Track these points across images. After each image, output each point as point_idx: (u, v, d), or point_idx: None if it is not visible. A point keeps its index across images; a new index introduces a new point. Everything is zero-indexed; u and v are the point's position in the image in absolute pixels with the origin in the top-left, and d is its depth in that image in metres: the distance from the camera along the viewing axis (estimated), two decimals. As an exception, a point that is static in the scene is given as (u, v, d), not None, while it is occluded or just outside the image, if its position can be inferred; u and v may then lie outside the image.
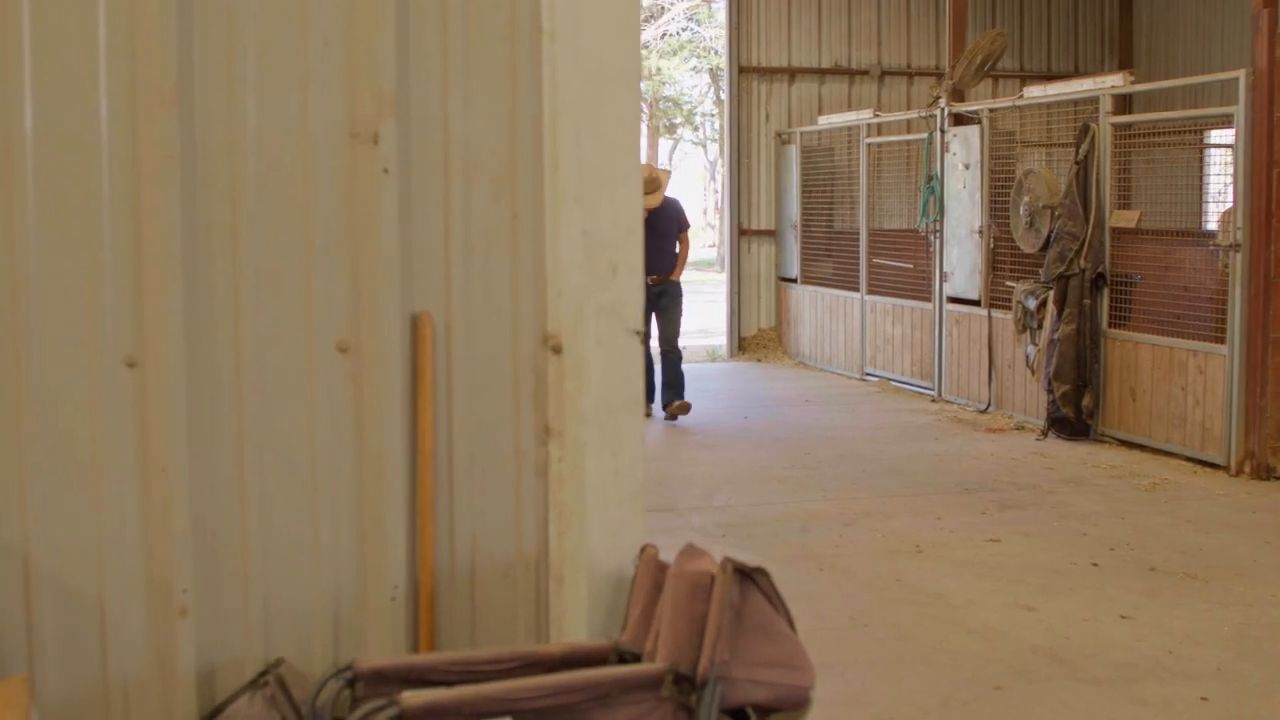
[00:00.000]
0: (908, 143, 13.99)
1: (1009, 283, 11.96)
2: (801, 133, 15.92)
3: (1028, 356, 11.65)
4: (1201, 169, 13.65)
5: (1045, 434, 11.24)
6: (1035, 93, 11.89)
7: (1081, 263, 10.82)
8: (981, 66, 12.71)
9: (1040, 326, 11.35)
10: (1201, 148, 13.63)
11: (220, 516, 2.80)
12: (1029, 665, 5.94)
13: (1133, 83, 10.77)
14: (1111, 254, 10.90)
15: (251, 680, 2.71)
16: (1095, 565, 7.49)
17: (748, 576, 2.67)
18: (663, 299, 12.16)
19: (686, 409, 12.06)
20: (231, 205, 2.75)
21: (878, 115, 14.56)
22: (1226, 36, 15.70)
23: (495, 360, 2.85)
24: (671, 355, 12.18)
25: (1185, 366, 10.18)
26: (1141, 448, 10.63)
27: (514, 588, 2.90)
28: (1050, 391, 11.13)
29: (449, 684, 2.61)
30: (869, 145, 14.49)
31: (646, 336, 11.31)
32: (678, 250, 12.45)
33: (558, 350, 2.81)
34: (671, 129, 38.90)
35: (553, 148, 2.79)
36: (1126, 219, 10.77)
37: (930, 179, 13.14)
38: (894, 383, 14.22)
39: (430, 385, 2.82)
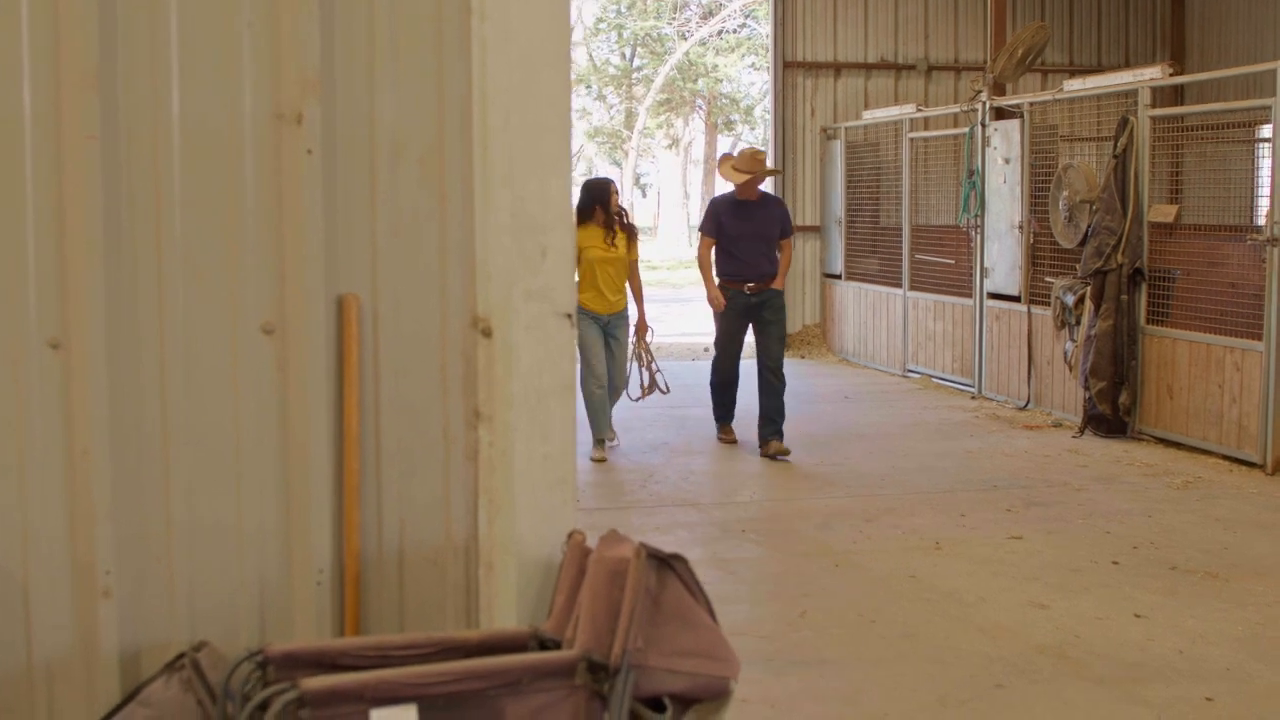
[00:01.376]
0: (953, 138, 13.82)
1: (1048, 278, 11.81)
2: (846, 128, 15.80)
3: (1066, 353, 11.50)
4: (1254, 163, 13.41)
5: (1082, 431, 11.09)
6: (1075, 86, 11.72)
7: (1119, 258, 10.66)
8: (1023, 60, 12.54)
9: (1078, 323, 11.20)
10: (1254, 142, 13.39)
11: (144, 499, 2.79)
12: (1033, 664, 5.84)
13: (1171, 75, 10.58)
14: (1151, 249, 10.72)
15: (169, 663, 2.70)
16: (1116, 564, 7.36)
17: (665, 564, 2.62)
18: (764, 311, 10.43)
19: (786, 452, 10.22)
20: (155, 187, 2.74)
21: (921, 110, 14.43)
22: (1279, 27, 15.43)
23: (423, 343, 2.82)
24: (774, 380, 10.36)
25: (1222, 363, 10.00)
26: (1178, 446, 10.46)
27: (443, 574, 2.87)
28: (1087, 388, 10.98)
29: (361, 669, 2.58)
30: (912, 140, 14.35)
31: (738, 351, 10.56)
32: (779, 257, 10.69)
33: (487, 334, 2.78)
34: (730, 126, 38.76)
35: (482, 130, 2.76)
36: (1165, 214, 10.60)
37: (971, 174, 12.99)
38: (935, 379, 14.08)
39: (355, 368, 2.80)
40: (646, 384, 10.74)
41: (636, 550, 2.56)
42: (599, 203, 10.17)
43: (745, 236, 10.43)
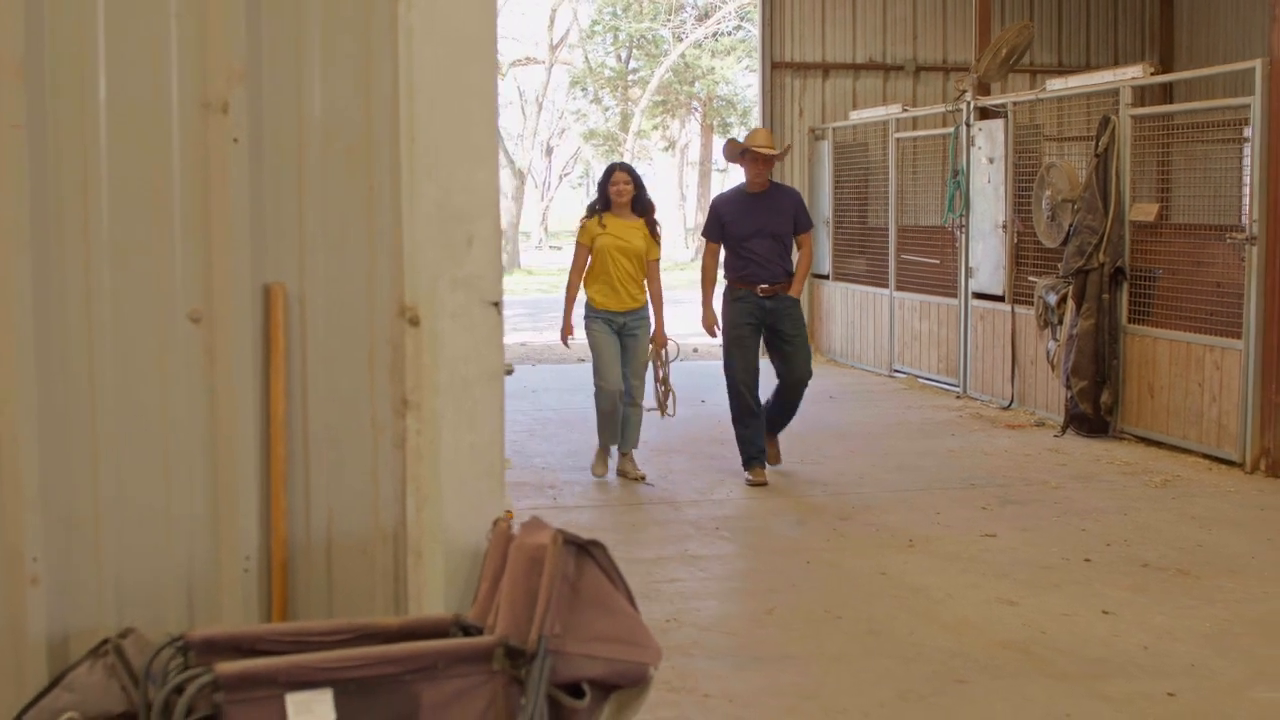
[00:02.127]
0: (939, 138, 13.83)
1: (1031, 278, 11.81)
2: (834, 128, 15.81)
3: (1048, 352, 11.50)
4: (1241, 162, 13.41)
5: (1063, 431, 11.09)
6: (1057, 85, 11.73)
7: (1100, 257, 10.67)
8: (1007, 60, 12.56)
9: (1061, 322, 11.20)
10: (1241, 141, 13.39)
11: (72, 485, 2.81)
12: (997, 660, 5.85)
13: (1152, 74, 10.59)
14: (1135, 248, 10.73)
15: (92, 649, 2.71)
16: (1088, 561, 7.37)
17: (584, 550, 2.63)
18: (781, 323, 9.31)
19: (777, 460, 9.72)
20: (82, 176, 2.76)
21: (906, 110, 14.44)
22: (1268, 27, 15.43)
23: (351, 332, 2.84)
24: (795, 397, 9.52)
25: (1202, 362, 10.01)
26: (1159, 444, 10.47)
27: (371, 561, 2.88)
28: (1068, 388, 10.98)
29: (280, 654, 2.59)
30: (898, 140, 14.36)
31: (754, 364, 9.24)
32: (795, 257, 9.58)
33: (415, 322, 2.79)
34: (726, 128, 38.75)
35: (409, 119, 2.78)
36: (1146, 213, 10.61)
37: (956, 173, 13.01)
38: (921, 379, 14.09)
39: (282, 356, 2.81)
40: (658, 401, 9.66)
41: (554, 537, 2.57)
42: (604, 188, 9.38)
43: (755, 233, 9.27)
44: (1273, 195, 9.33)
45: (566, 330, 9.61)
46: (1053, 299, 11.27)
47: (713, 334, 9.52)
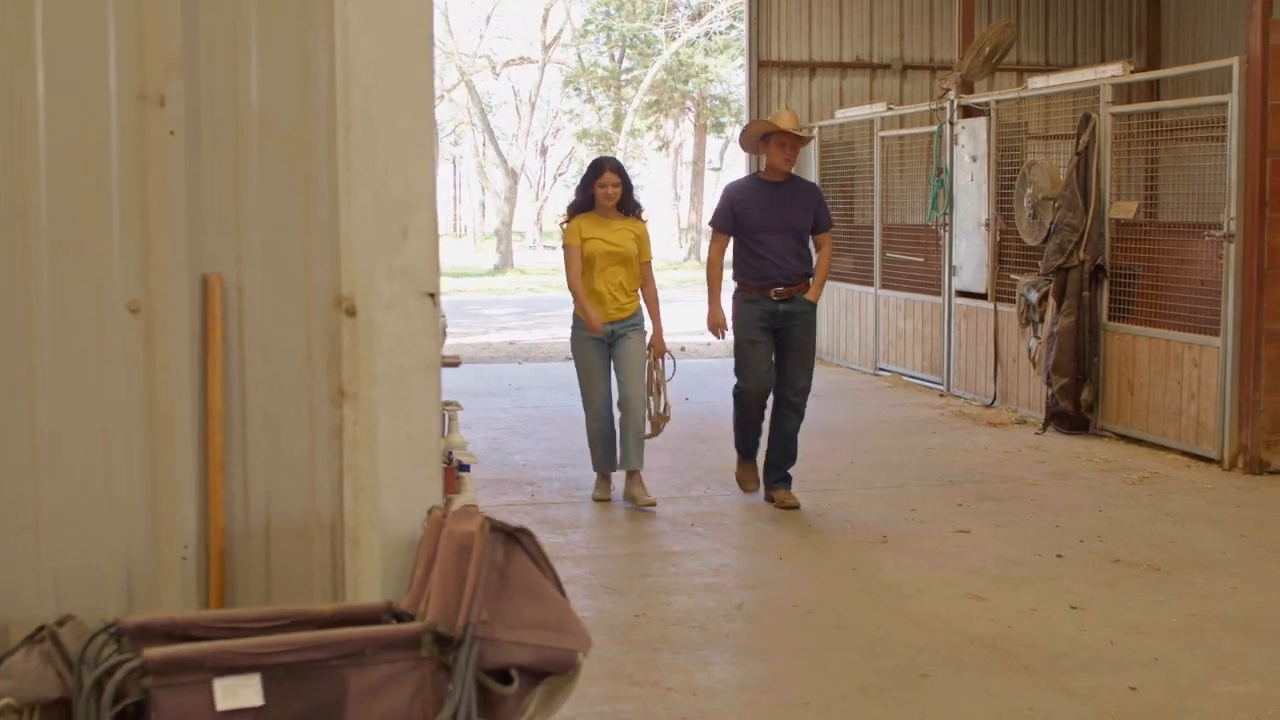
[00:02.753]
0: (929, 136, 13.85)
1: (1013, 276, 11.84)
2: (820, 127, 15.83)
3: (1030, 350, 11.53)
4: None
5: (1044, 428, 11.12)
6: (1039, 84, 11.77)
7: (1080, 255, 10.70)
8: (990, 58, 12.58)
9: (1042, 320, 11.23)
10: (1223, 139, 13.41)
11: (11, 474, 2.83)
12: (962, 654, 5.86)
13: (1132, 72, 10.62)
14: (1115, 246, 10.75)
15: (29, 636, 2.73)
16: (1060, 557, 7.39)
17: (512, 538, 2.66)
18: (793, 326, 8.46)
19: (795, 505, 8.45)
20: (20, 167, 2.78)
21: (891, 108, 14.47)
22: (1253, 27, 15.46)
23: (289, 322, 2.86)
24: (791, 415, 8.57)
25: (1181, 360, 10.04)
26: (1139, 442, 10.49)
27: (309, 549, 2.91)
28: (1049, 385, 11.01)
29: (213, 640, 2.62)
30: (884, 139, 14.39)
31: (765, 372, 8.43)
32: (815, 257, 8.75)
33: (351, 313, 2.82)
34: (720, 128, 38.81)
35: (345, 111, 2.80)
36: (1125, 210, 10.63)
37: (940, 172, 13.03)
38: (906, 377, 14.11)
39: (220, 346, 2.83)
40: (652, 418, 8.71)
41: (481, 524, 2.59)
42: (591, 184, 8.56)
43: (771, 228, 8.36)
44: (1250, 193, 9.36)
45: (596, 319, 8.46)
46: (1034, 297, 11.30)
47: (719, 335, 8.73)
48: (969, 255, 12.73)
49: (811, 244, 8.67)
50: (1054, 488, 9.13)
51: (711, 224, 8.74)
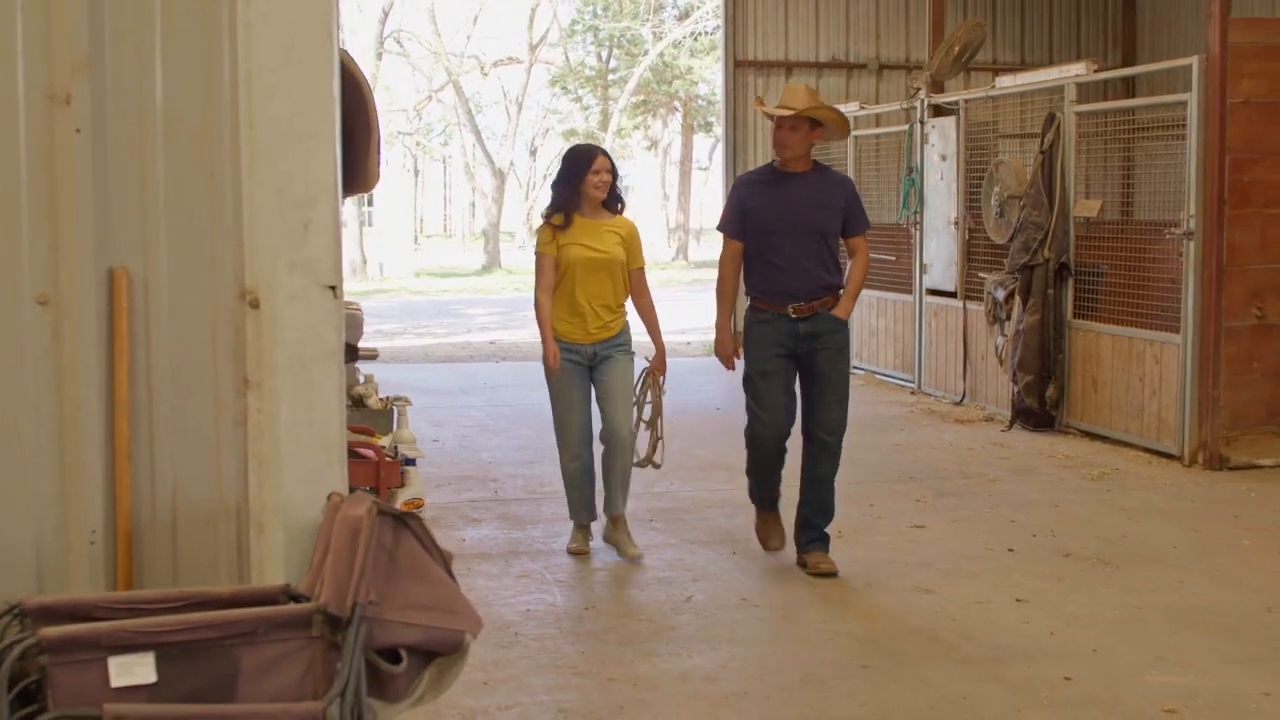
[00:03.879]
0: (898, 135, 13.94)
1: (981, 274, 11.93)
2: (796, 126, 15.89)
3: (997, 347, 11.62)
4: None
5: (1010, 425, 11.21)
6: (1006, 83, 11.87)
7: (1045, 253, 10.79)
8: (960, 57, 12.68)
9: (1009, 317, 11.32)
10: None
11: (-78, 462, 2.91)
12: (903, 646, 5.95)
13: (1095, 71, 10.71)
14: (1080, 244, 10.84)
15: (-64, 619, 2.81)
16: (1011, 551, 7.48)
17: (401, 521, 2.74)
18: (819, 350, 6.98)
19: (833, 572, 6.97)
20: (-70, 164, 2.86)
21: (864, 108, 14.56)
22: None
23: (194, 314, 2.95)
24: (825, 460, 7.15)
25: (1143, 357, 10.13)
26: (1103, 438, 10.58)
27: (215, 534, 3.00)
28: (1015, 382, 11.11)
29: (113, 620, 2.70)
30: (857, 138, 14.47)
31: (784, 408, 7.01)
32: (844, 263, 7.24)
33: (255, 305, 2.91)
34: (707, 127, 38.90)
35: (248, 109, 2.89)
36: (1089, 208, 10.73)
37: (911, 171, 13.13)
38: (878, 375, 14.21)
39: (126, 337, 2.92)
40: (645, 449, 7.60)
41: (369, 508, 2.68)
42: (574, 180, 7.17)
43: (787, 229, 6.86)
44: (1209, 191, 9.45)
45: (553, 356, 7.18)
46: (1001, 295, 11.39)
47: (730, 365, 7.43)
48: (939, 253, 12.82)
49: (844, 250, 7.22)
50: (1014, 484, 9.22)
51: (720, 228, 7.25)
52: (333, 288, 2.89)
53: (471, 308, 26.48)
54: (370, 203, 39.22)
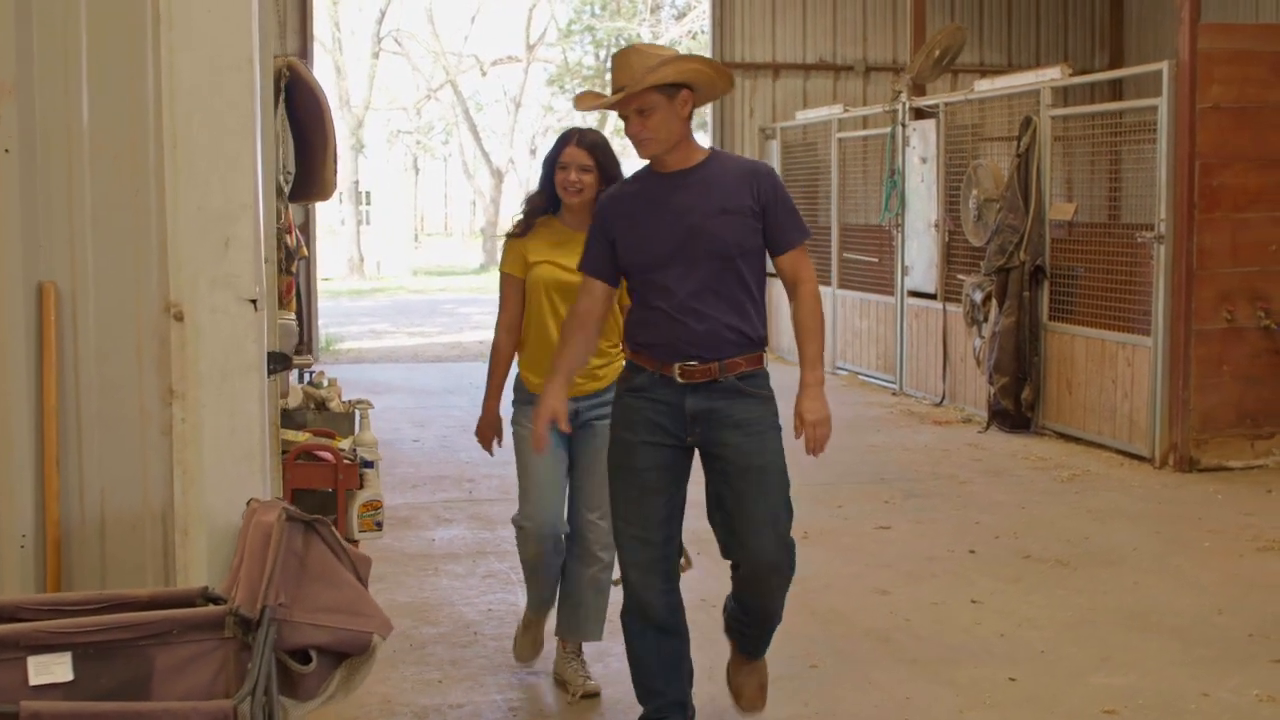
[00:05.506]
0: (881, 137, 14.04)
1: (960, 276, 12.03)
2: (783, 128, 16.02)
3: (975, 349, 11.72)
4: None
5: (987, 427, 11.31)
6: (984, 86, 11.96)
7: (1021, 255, 10.88)
8: (940, 60, 12.78)
9: (986, 319, 11.42)
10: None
11: None
12: (854, 646, 6.04)
13: (1070, 75, 10.81)
14: (1055, 247, 10.94)
15: None
16: (972, 553, 7.57)
17: (310, 527, 2.85)
18: (721, 437, 4.61)
19: (755, 698, 5.18)
20: None
21: (848, 110, 14.66)
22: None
23: (120, 327, 3.07)
24: (760, 599, 4.97)
25: (1115, 359, 10.23)
26: (1077, 440, 10.67)
27: (142, 539, 3.12)
28: (991, 384, 11.21)
29: (38, 621, 2.82)
30: (841, 140, 14.58)
31: (660, 531, 4.68)
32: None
33: (179, 318, 3.02)
34: (702, 126, 38.96)
35: (171, 129, 3.00)
36: (1063, 211, 10.83)
37: (893, 173, 13.23)
38: (861, 376, 14.31)
39: (53, 350, 3.04)
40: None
41: (279, 514, 2.80)
42: (549, 176, 5.27)
43: (671, 251, 4.53)
44: (1179, 195, 9.54)
45: (487, 426, 5.59)
46: (979, 297, 11.49)
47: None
48: (920, 255, 12.92)
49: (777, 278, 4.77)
50: (983, 485, 9.32)
51: (580, 266, 4.82)
52: (253, 301, 3.00)
53: (465, 307, 26.58)
54: (368, 201, 39.40)
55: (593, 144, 5.30)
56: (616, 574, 5.17)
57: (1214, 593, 6.82)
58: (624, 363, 4.91)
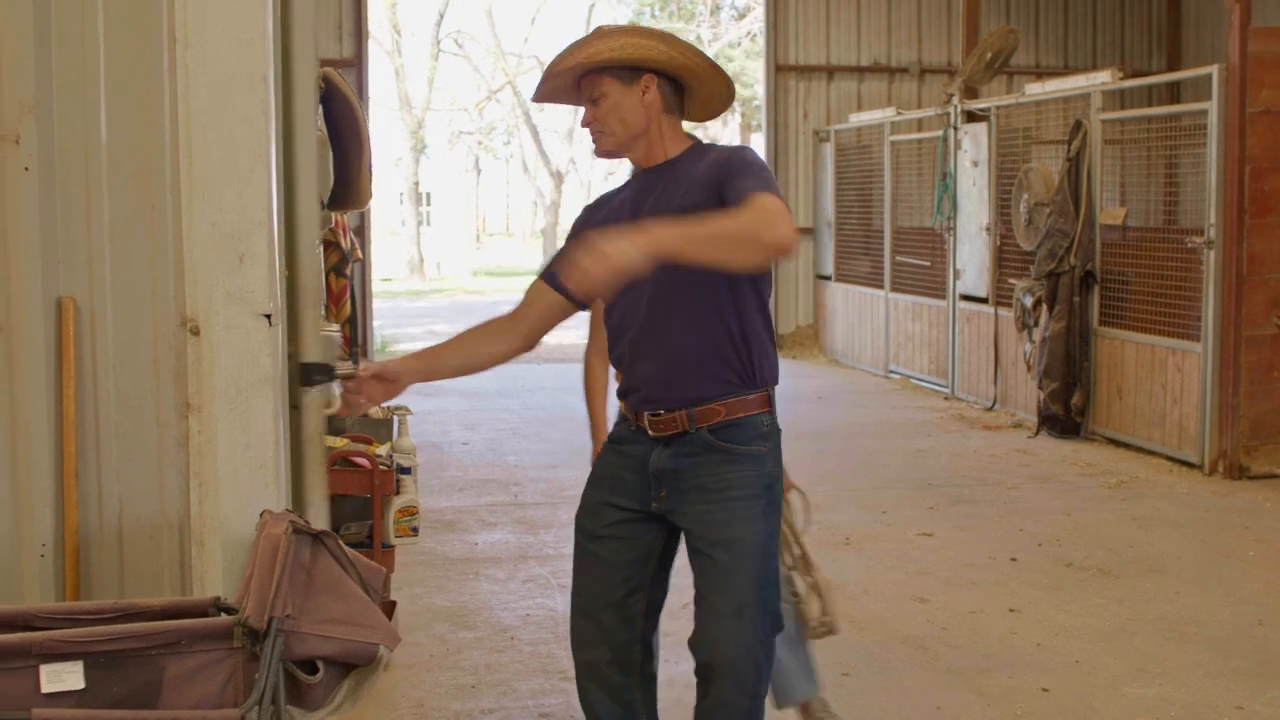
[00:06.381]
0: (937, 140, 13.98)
1: (1011, 280, 11.97)
2: (836, 131, 15.98)
3: (1025, 354, 11.66)
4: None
5: (1037, 432, 11.24)
6: (1035, 89, 11.89)
7: (1071, 260, 10.81)
8: (992, 63, 12.71)
9: (1037, 324, 11.36)
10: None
11: (-117, 480, 3.11)
12: (888, 654, 6.04)
13: (1121, 78, 10.72)
14: (1106, 251, 10.86)
15: (-111, 627, 3.00)
16: (1013, 560, 7.54)
17: (318, 539, 2.90)
18: (687, 502, 3.66)
19: None
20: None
21: (900, 113, 14.61)
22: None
23: (138, 341, 3.14)
24: (715, 697, 3.66)
25: (1165, 365, 10.14)
26: (1127, 446, 10.60)
27: (159, 548, 3.18)
28: (1041, 389, 11.14)
29: (52, 629, 2.89)
30: (894, 143, 14.54)
31: (616, 599, 3.77)
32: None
33: (195, 332, 3.08)
34: (758, 129, 38.88)
35: (187, 146, 3.07)
36: (1114, 216, 10.75)
37: (945, 176, 13.18)
38: (914, 380, 14.26)
39: (73, 363, 3.11)
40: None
41: (286, 526, 2.85)
42: None
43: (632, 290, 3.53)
44: (1228, 199, 9.45)
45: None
46: (1029, 301, 11.42)
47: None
48: (971, 259, 12.86)
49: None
50: (1030, 491, 9.26)
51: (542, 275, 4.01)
52: (267, 316, 3.06)
53: (525, 308, 26.64)
54: (428, 202, 39.62)
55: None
56: (816, 613, 4.69)
57: (1255, 603, 6.76)
58: None
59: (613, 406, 4.27)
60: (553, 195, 39.48)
